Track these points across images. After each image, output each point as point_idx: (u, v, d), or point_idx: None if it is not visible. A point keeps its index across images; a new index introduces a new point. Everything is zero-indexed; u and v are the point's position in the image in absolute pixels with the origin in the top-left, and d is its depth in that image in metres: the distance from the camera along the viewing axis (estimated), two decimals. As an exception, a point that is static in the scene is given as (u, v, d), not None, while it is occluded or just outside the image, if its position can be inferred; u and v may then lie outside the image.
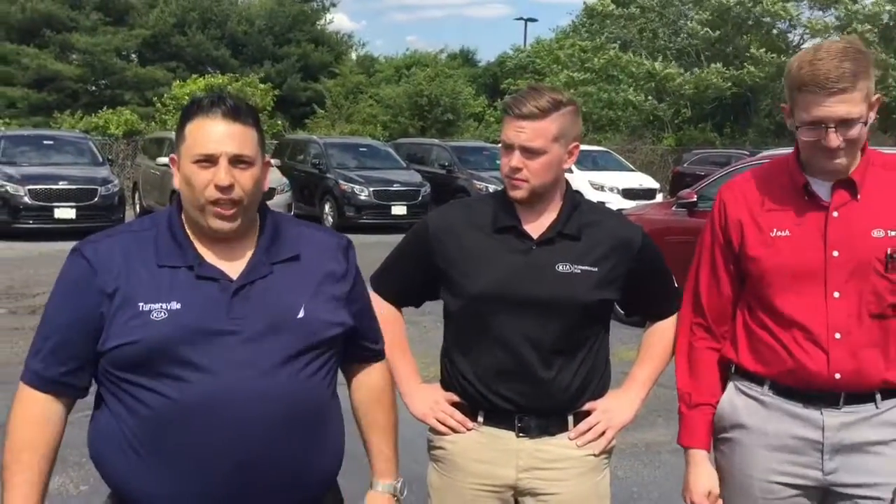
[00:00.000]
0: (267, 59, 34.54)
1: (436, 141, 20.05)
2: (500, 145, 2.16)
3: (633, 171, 19.60)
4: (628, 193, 17.52)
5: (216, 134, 1.64)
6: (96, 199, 13.14)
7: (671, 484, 4.28)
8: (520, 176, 2.02)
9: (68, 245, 8.04)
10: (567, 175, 2.13)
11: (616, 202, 17.37)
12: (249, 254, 1.72)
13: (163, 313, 1.62)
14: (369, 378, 1.93)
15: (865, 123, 1.89)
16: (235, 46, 34.99)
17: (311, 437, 1.72)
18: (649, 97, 29.23)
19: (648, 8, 31.16)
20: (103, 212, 13.15)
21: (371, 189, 15.23)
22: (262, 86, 26.07)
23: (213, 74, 25.05)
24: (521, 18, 41.64)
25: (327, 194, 15.63)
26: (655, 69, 28.81)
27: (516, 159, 2.01)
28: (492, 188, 16.42)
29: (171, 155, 1.74)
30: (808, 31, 29.71)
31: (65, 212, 12.91)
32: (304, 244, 1.79)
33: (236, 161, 1.65)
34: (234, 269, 1.69)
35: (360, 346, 1.88)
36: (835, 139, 1.88)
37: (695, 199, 7.41)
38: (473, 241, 2.09)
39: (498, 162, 15.41)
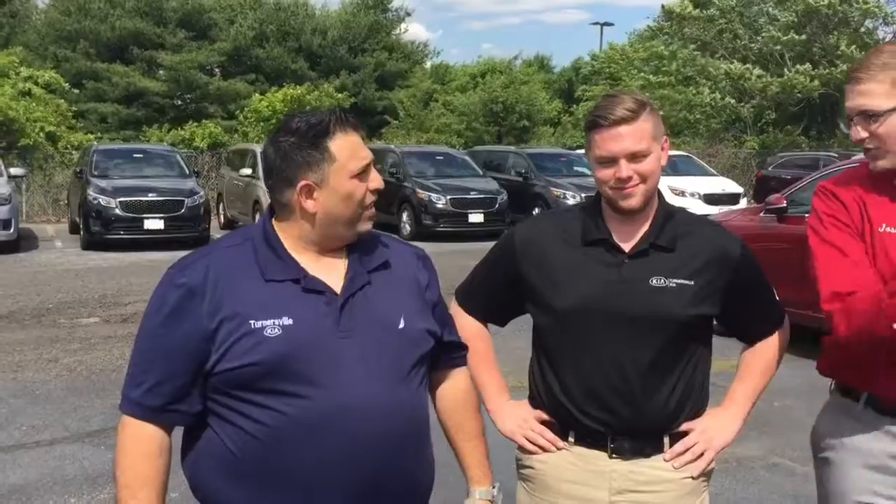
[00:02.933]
0: (343, 70, 35.05)
1: (512, 148, 19.99)
2: (583, 156, 2.08)
3: (715, 175, 19.15)
4: (711, 199, 17.12)
5: (362, 146, 1.69)
6: (183, 210, 13.54)
7: (766, 501, 4.14)
8: (633, 183, 1.93)
9: (157, 255, 8.32)
10: None
11: (698, 208, 16.97)
12: (343, 264, 1.72)
13: (276, 329, 1.60)
14: (455, 385, 1.92)
15: None
16: (312, 58, 35.58)
17: (419, 450, 1.73)
18: (727, 97, 28.59)
19: (728, 9, 30.49)
20: (190, 222, 13.54)
21: (448, 197, 15.28)
22: (339, 95, 26.49)
23: (291, 86, 25.55)
24: (596, 23, 41.16)
25: (405, 203, 15.74)
26: (732, 71, 28.17)
27: (625, 169, 1.91)
28: (569, 194, 16.28)
29: (304, 182, 1.65)
30: (899, 27, 28.60)
31: (154, 223, 13.33)
32: (389, 254, 1.80)
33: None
34: (333, 280, 1.69)
35: (446, 353, 1.87)
36: (855, 132, 1.84)
37: (785, 205, 7.14)
38: (563, 254, 2.01)
39: (577, 168, 15.25)
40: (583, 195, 16.21)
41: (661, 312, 1.94)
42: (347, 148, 1.65)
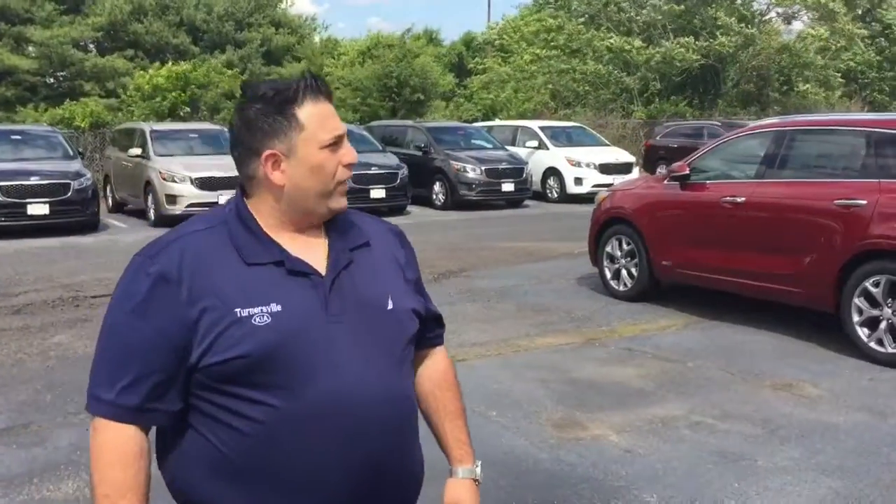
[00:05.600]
0: (228, 45, 33.99)
1: (410, 122, 19.84)
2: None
3: (608, 145, 19.60)
4: (605, 168, 17.53)
5: (334, 115, 1.59)
6: (69, 193, 12.80)
7: (694, 459, 4.29)
8: None
9: (44, 241, 7.89)
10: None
11: (593, 178, 17.40)
12: (323, 243, 1.62)
13: (265, 317, 1.48)
14: (435, 364, 1.85)
15: None
16: (195, 33, 34.37)
17: (414, 435, 1.66)
18: (610, 67, 29.38)
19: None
20: (77, 206, 12.84)
21: (348, 173, 15.06)
22: (229, 71, 25.67)
23: (176, 62, 24.56)
24: (483, -4, 41.27)
25: (304, 180, 15.43)
26: (614, 44, 28.94)
27: None
28: (469, 167, 16.34)
29: (269, 151, 1.55)
30: (773, 1, 29.93)
31: (38, 208, 12.54)
32: (367, 231, 1.71)
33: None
34: (314, 260, 1.59)
35: (425, 332, 1.80)
36: None
37: (687, 172, 7.37)
38: None
39: (475, 141, 15.41)
40: (483, 168, 16.35)
41: None
42: (318, 116, 1.55)
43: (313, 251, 1.60)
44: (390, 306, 1.62)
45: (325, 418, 1.49)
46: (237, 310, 1.48)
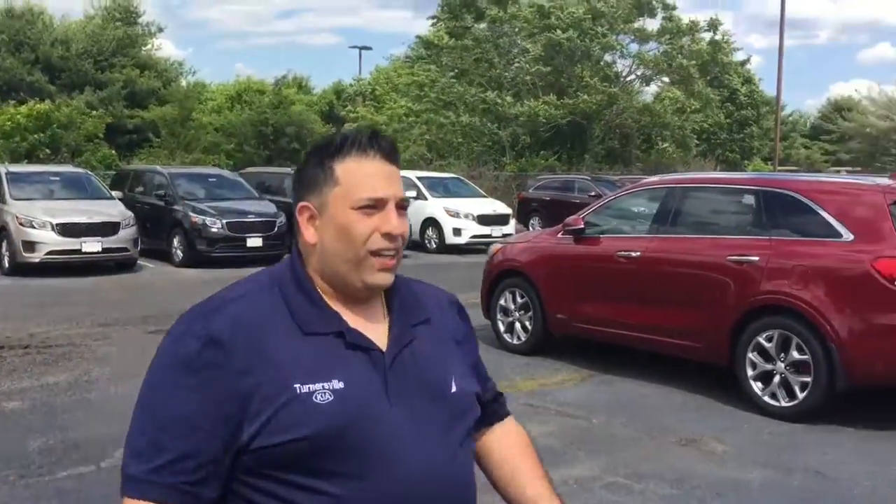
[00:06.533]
0: (88, 85, 32.52)
1: (287, 169, 19.42)
2: None
3: (485, 196, 19.84)
4: (484, 219, 17.70)
5: (382, 175, 1.40)
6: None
7: (617, 522, 4.17)
8: None
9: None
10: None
11: (472, 229, 17.53)
12: (382, 315, 1.46)
13: (327, 395, 1.31)
14: (507, 431, 1.66)
15: None
16: (52, 71, 32.73)
17: None
18: (481, 119, 30.17)
19: (483, 38, 32.10)
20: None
21: (224, 221, 14.46)
22: (94, 112, 24.44)
23: (40, 101, 23.17)
24: (355, 46, 41.58)
25: (176, 227, 14.70)
26: (487, 98, 29.77)
27: None
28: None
29: (302, 203, 1.43)
30: (636, 62, 31.59)
31: None
32: (428, 304, 1.55)
33: (399, 206, 1.42)
34: (374, 334, 1.42)
35: (489, 408, 1.63)
36: None
37: (582, 227, 7.43)
38: None
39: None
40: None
41: None
42: (359, 174, 1.39)
43: (372, 324, 1.44)
44: (454, 389, 1.46)
45: None
46: (296, 385, 1.31)
